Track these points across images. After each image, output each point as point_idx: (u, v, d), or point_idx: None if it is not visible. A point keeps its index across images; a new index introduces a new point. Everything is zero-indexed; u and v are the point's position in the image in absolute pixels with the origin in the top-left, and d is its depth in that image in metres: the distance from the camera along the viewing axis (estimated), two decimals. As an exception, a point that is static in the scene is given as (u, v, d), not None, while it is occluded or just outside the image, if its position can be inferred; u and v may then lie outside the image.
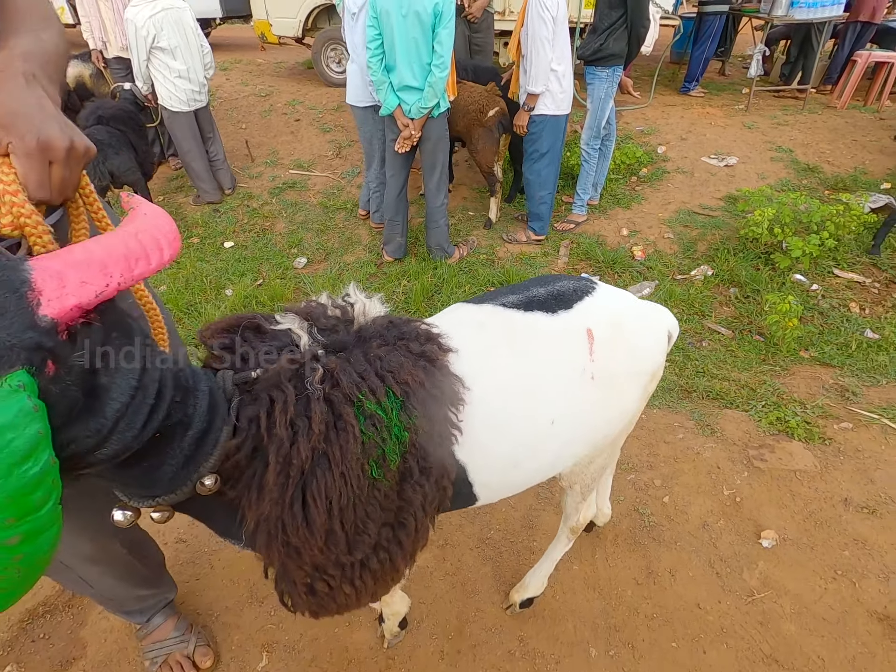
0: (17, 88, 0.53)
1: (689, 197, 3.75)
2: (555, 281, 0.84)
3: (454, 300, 2.84)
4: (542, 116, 2.90)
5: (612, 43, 2.94)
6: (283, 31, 5.33)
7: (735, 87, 5.85)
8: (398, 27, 2.47)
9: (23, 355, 0.40)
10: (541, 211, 3.23)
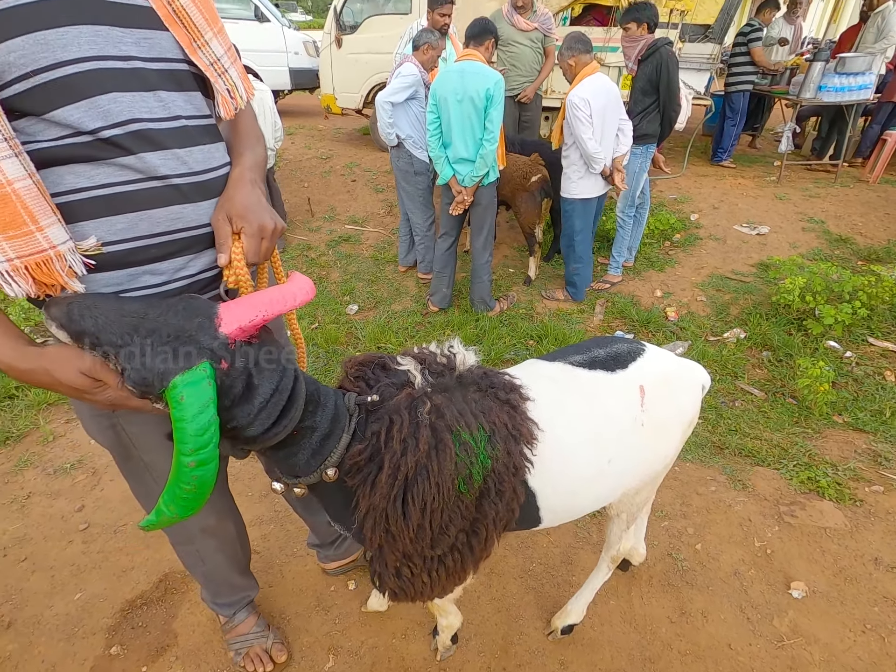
0: (248, 191, 0.81)
1: (721, 263, 3.93)
2: (612, 343, 1.05)
3: (495, 350, 3.06)
4: (573, 199, 3.17)
5: (645, 124, 3.23)
6: (346, 104, 5.99)
7: (766, 160, 6.11)
8: (454, 110, 2.84)
9: (208, 353, 0.66)
10: (575, 280, 3.47)
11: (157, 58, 0.71)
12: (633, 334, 3.25)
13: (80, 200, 0.69)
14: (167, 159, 0.72)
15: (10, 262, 0.63)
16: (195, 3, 0.74)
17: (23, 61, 0.61)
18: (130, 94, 0.69)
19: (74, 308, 0.64)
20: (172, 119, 0.73)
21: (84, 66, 0.64)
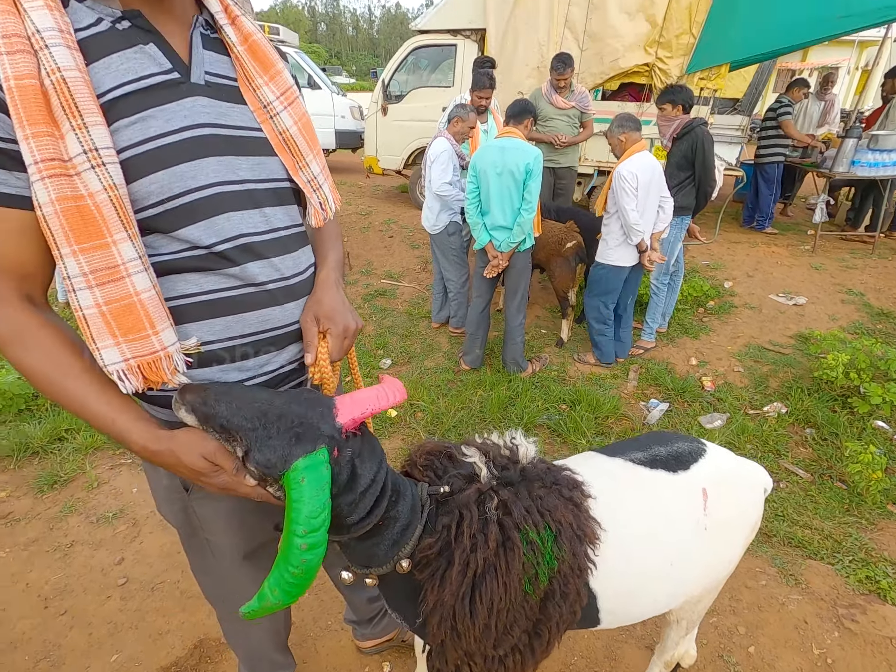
0: (334, 293, 0.89)
1: (758, 332, 3.89)
2: (672, 441, 1.05)
3: (527, 413, 3.05)
4: (606, 264, 3.23)
5: (680, 197, 3.30)
6: (387, 165, 6.35)
7: (800, 228, 6.14)
8: (493, 182, 2.98)
9: (326, 440, 0.71)
10: (599, 342, 3.47)
11: (266, 179, 0.79)
12: (668, 403, 3.20)
13: (187, 305, 0.75)
14: (264, 268, 0.79)
15: (127, 362, 0.69)
16: (300, 130, 0.82)
17: (160, 190, 0.68)
18: (241, 212, 0.76)
19: (211, 393, 0.70)
20: (272, 231, 0.81)
21: (207, 192, 0.72)
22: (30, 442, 2.47)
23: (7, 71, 0.57)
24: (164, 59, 0.69)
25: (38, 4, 0.59)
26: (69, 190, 0.61)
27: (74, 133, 0.60)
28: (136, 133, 0.66)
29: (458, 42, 5.54)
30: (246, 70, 0.76)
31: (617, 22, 4.79)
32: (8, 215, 0.64)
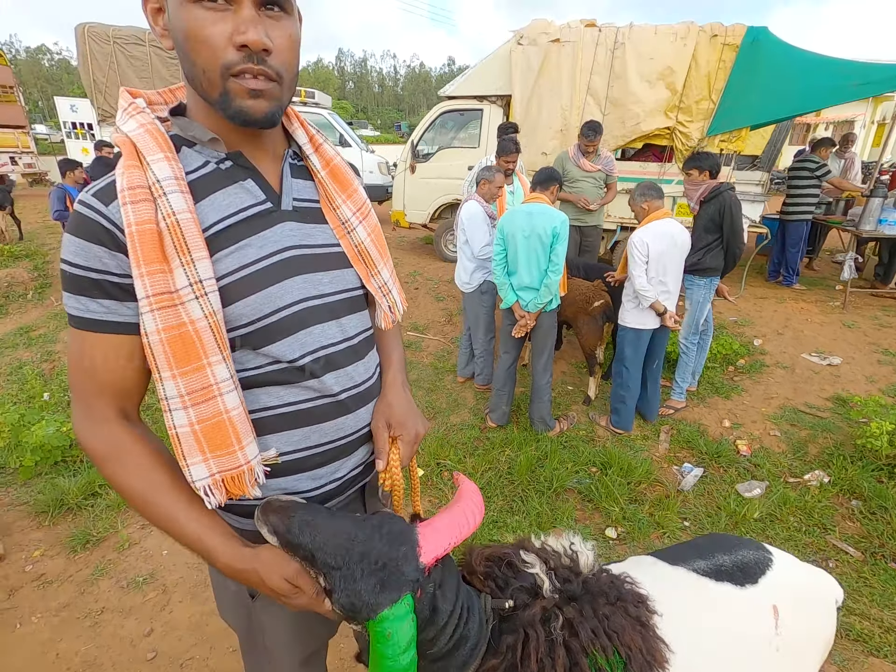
0: (403, 398, 0.91)
1: (792, 394, 3.79)
2: (735, 548, 1.01)
3: (557, 476, 2.98)
4: (626, 327, 3.23)
5: (709, 259, 3.33)
6: (414, 219, 6.57)
7: (827, 283, 6.08)
8: (521, 245, 3.05)
9: (410, 585, 0.69)
10: (619, 408, 3.40)
11: (343, 290, 0.83)
12: (703, 468, 3.10)
13: (268, 417, 0.78)
14: (340, 377, 0.82)
15: (212, 477, 0.71)
16: (373, 241, 0.87)
17: (252, 312, 0.72)
18: (321, 325, 0.80)
19: (295, 522, 0.70)
20: (347, 340, 0.84)
21: (294, 309, 0.76)
22: (65, 497, 2.50)
23: (130, 218, 0.63)
24: (259, 191, 0.75)
25: (158, 157, 0.66)
26: (174, 319, 0.66)
27: (183, 268, 0.66)
28: (233, 261, 0.71)
29: (485, 107, 5.83)
30: (328, 192, 0.82)
31: (638, 89, 5.00)
32: (117, 341, 0.69)
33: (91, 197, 0.66)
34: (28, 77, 52.69)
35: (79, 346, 0.69)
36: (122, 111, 0.70)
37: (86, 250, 0.65)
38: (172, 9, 0.61)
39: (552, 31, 5.20)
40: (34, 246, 7.41)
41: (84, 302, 0.66)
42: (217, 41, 0.60)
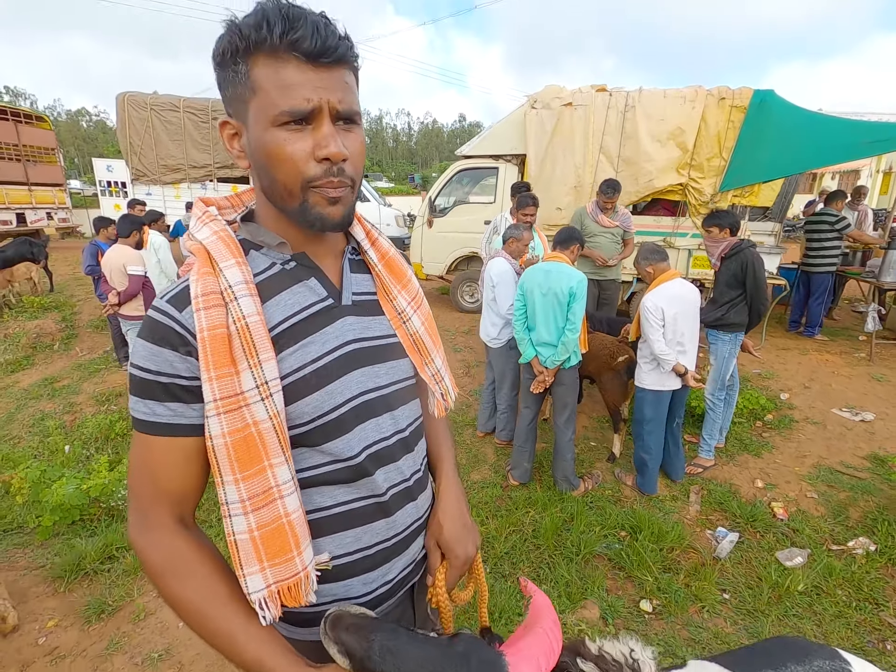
0: (457, 512, 0.89)
1: (826, 452, 3.65)
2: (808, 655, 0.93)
3: (584, 541, 2.85)
4: (644, 389, 3.16)
5: (733, 314, 3.29)
6: (431, 271, 6.72)
7: (849, 333, 5.99)
8: (539, 301, 3.08)
9: None
10: (643, 470, 3.30)
11: (398, 380, 0.83)
12: (738, 533, 2.95)
13: (322, 518, 0.76)
14: (390, 473, 0.81)
15: (269, 589, 0.67)
16: (427, 330, 0.87)
17: (313, 410, 0.72)
18: (376, 419, 0.79)
19: (376, 648, 0.64)
20: (398, 433, 0.83)
21: (352, 404, 0.76)
22: (82, 561, 2.45)
23: (203, 323, 0.65)
24: (321, 289, 0.77)
25: (230, 263, 0.68)
26: (239, 422, 0.66)
27: (250, 370, 0.66)
28: (297, 360, 0.71)
29: (500, 165, 6.06)
30: (384, 284, 0.83)
31: (650, 149, 5.17)
32: (181, 444, 0.68)
33: (165, 303, 0.68)
34: (67, 137, 56.32)
35: (142, 450, 0.69)
36: (195, 219, 0.74)
37: (157, 355, 0.66)
38: (256, 133, 0.64)
39: (564, 96, 5.46)
40: (63, 297, 7.68)
41: (151, 406, 0.67)
42: (299, 157, 0.63)
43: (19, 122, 10.60)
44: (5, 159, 10.15)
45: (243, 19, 0.61)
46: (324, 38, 0.60)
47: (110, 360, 5.57)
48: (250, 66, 0.62)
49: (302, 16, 0.60)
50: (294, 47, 0.60)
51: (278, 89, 0.61)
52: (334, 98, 0.63)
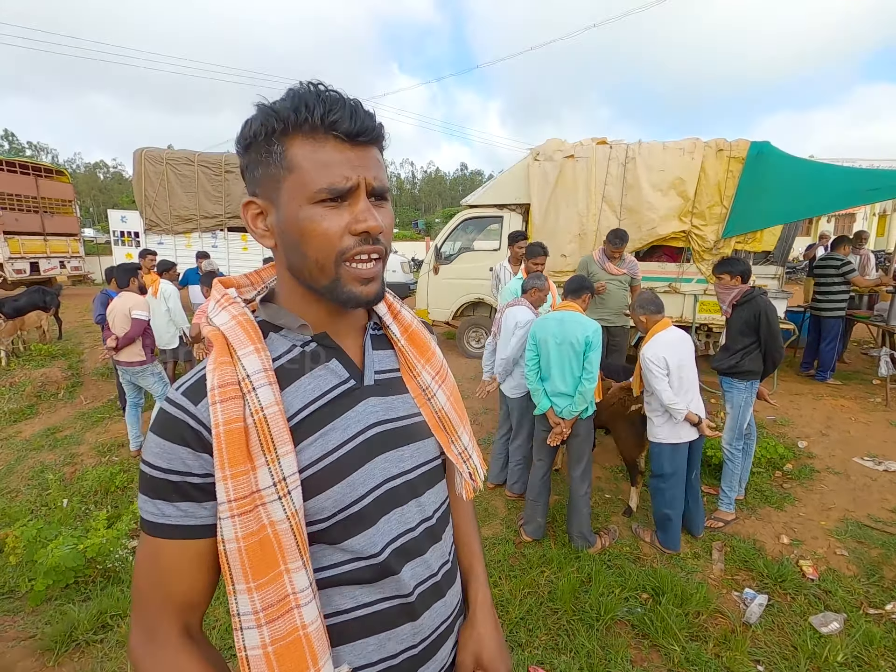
0: (493, 626, 0.84)
1: (852, 504, 3.50)
2: None
3: (604, 604, 2.69)
4: (660, 443, 3.05)
5: (747, 362, 3.21)
6: (437, 317, 6.74)
7: (861, 377, 5.90)
8: (553, 351, 3.03)
9: None
10: (665, 527, 3.14)
11: (423, 462, 0.78)
12: (767, 594, 2.79)
13: (341, 623, 0.69)
14: (417, 568, 0.74)
15: None
16: (452, 405, 0.82)
17: (334, 505, 0.67)
18: (401, 508, 0.73)
19: None
20: (424, 521, 0.77)
21: (375, 495, 0.70)
22: (74, 631, 2.32)
23: (219, 418, 0.60)
24: (343, 370, 0.73)
25: (249, 350, 0.64)
26: (255, 524, 0.61)
27: (268, 467, 0.61)
28: (317, 450, 0.67)
29: (505, 214, 6.20)
30: (408, 359, 0.79)
31: (651, 198, 5.29)
32: (191, 547, 0.63)
33: (180, 395, 0.64)
34: (84, 188, 58.53)
35: (150, 553, 0.63)
36: (214, 302, 0.70)
37: (170, 452, 0.62)
38: (290, 211, 0.63)
39: (566, 149, 5.65)
40: (71, 345, 7.72)
41: (161, 506, 0.62)
42: (335, 232, 0.63)
43: (39, 175, 11.06)
44: (24, 211, 10.51)
45: (279, 103, 0.62)
46: (361, 119, 0.62)
47: (114, 409, 5.52)
48: (286, 147, 0.62)
49: (339, 99, 0.62)
50: (333, 127, 0.61)
51: (317, 167, 0.61)
52: (370, 175, 0.64)
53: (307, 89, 0.62)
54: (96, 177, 68.60)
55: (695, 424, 2.97)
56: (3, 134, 61.45)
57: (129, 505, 3.51)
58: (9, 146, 59.07)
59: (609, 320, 4.35)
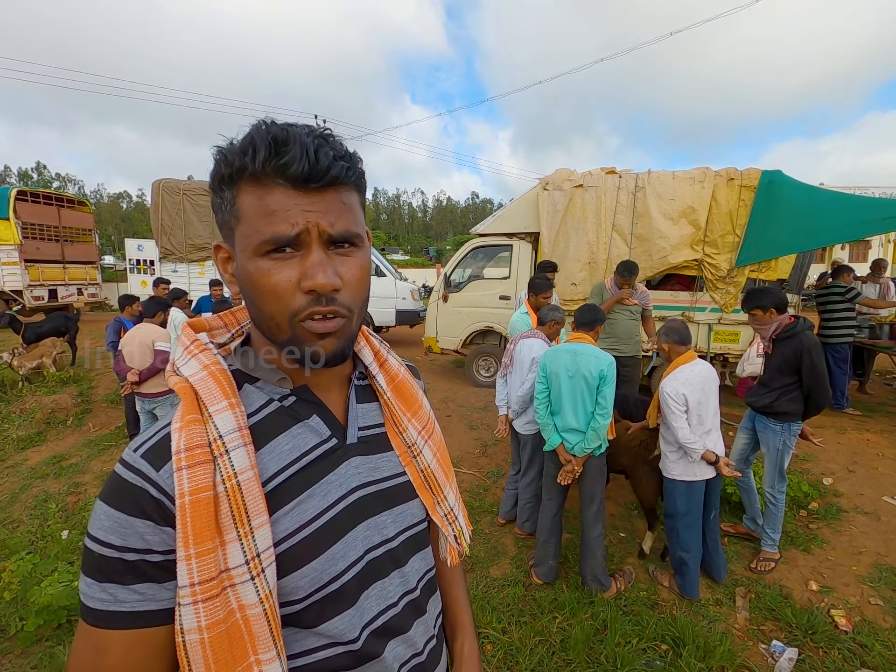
0: None
1: (884, 548, 3.30)
2: None
3: (620, 655, 2.52)
4: (674, 479, 2.90)
5: (785, 402, 2.96)
6: (446, 346, 6.68)
7: (886, 410, 5.68)
8: (565, 384, 2.93)
9: None
10: (682, 571, 2.96)
11: (406, 527, 0.71)
12: (797, 648, 2.59)
13: None
14: (399, 647, 0.67)
15: None
16: (439, 462, 0.76)
17: (310, 584, 0.59)
18: (382, 581, 0.66)
19: None
20: (409, 593, 0.70)
21: (355, 570, 0.63)
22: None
23: (185, 487, 0.53)
24: (325, 428, 0.66)
25: (222, 406, 0.57)
26: (222, 611, 0.53)
27: (240, 542, 0.54)
28: (293, 521, 0.59)
29: (514, 242, 6.20)
30: (394, 414, 0.73)
31: (662, 226, 5.25)
32: (147, 637, 0.53)
33: (139, 458, 0.55)
34: (107, 216, 60.49)
35: (91, 649, 0.52)
36: (183, 349, 0.62)
37: (125, 526, 0.52)
38: (241, 262, 0.58)
39: (575, 178, 5.66)
40: (83, 371, 7.77)
41: (112, 591, 0.52)
42: (284, 288, 0.56)
43: (62, 206, 11.42)
44: (45, 240, 10.81)
45: (231, 145, 0.56)
46: (313, 162, 0.53)
47: (121, 437, 5.49)
48: (236, 194, 0.56)
49: (290, 138, 0.53)
50: (279, 173, 0.54)
51: (262, 217, 0.55)
52: (325, 221, 0.55)
53: (262, 128, 0.55)
54: (119, 206, 70.91)
55: (712, 464, 2.83)
56: (35, 166, 64.09)
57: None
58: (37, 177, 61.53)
59: (619, 350, 4.25)
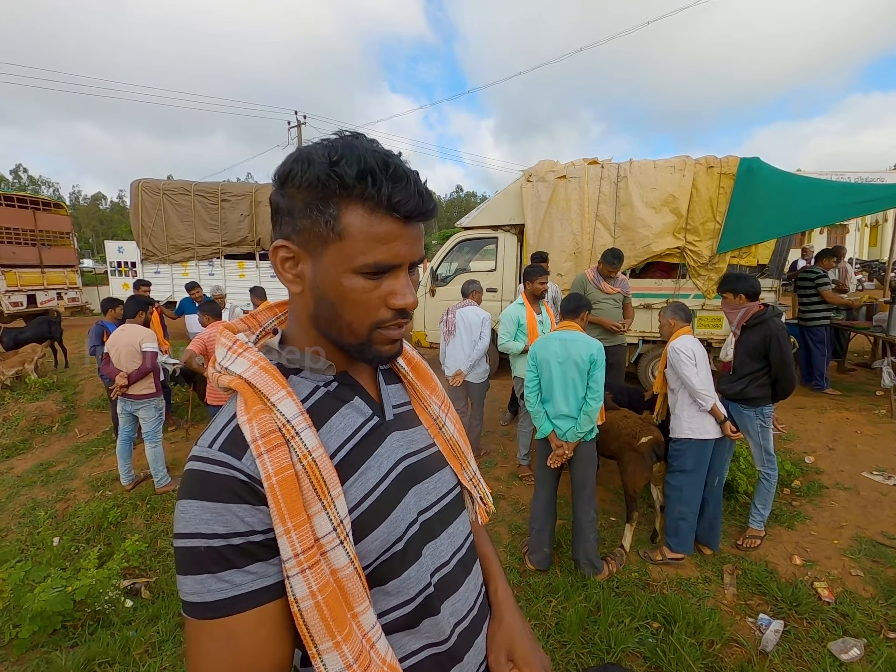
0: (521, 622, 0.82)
1: (863, 521, 3.41)
2: None
3: (614, 634, 2.59)
4: (686, 439, 3.01)
5: (754, 388, 3.05)
6: (435, 339, 6.69)
7: (864, 388, 5.84)
8: (556, 371, 2.98)
9: None
10: (679, 526, 3.07)
11: (446, 492, 0.77)
12: (783, 620, 2.68)
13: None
14: (456, 604, 0.73)
15: None
16: (459, 432, 0.84)
17: (380, 546, 0.65)
18: (434, 542, 0.72)
19: None
20: (457, 552, 0.76)
21: (413, 531, 0.69)
22: (59, 682, 2.21)
23: (269, 469, 0.57)
24: (367, 407, 0.72)
25: (282, 395, 0.61)
26: (324, 576, 0.58)
27: (325, 512, 0.59)
28: (359, 490, 0.65)
29: (500, 235, 6.22)
30: (417, 391, 0.81)
31: (644, 215, 5.32)
32: (269, 612, 0.57)
33: (217, 452, 0.59)
34: (85, 218, 59.09)
35: (218, 640, 0.55)
36: (226, 350, 0.66)
37: (224, 514, 0.56)
38: (331, 274, 0.62)
39: (558, 170, 5.70)
40: (66, 377, 7.64)
41: (229, 577, 0.55)
42: (374, 304, 0.63)
43: (37, 209, 11.13)
44: (21, 244, 10.55)
45: (343, 165, 0.57)
46: (420, 202, 0.61)
47: (108, 441, 5.43)
48: (342, 212, 0.59)
49: (405, 177, 0.60)
50: (394, 208, 0.59)
51: (369, 241, 0.60)
52: (416, 252, 0.64)
53: (374, 157, 0.58)
54: (97, 208, 69.36)
55: (720, 422, 2.96)
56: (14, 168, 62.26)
57: (122, 542, 3.40)
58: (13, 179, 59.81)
59: (606, 338, 4.31)
